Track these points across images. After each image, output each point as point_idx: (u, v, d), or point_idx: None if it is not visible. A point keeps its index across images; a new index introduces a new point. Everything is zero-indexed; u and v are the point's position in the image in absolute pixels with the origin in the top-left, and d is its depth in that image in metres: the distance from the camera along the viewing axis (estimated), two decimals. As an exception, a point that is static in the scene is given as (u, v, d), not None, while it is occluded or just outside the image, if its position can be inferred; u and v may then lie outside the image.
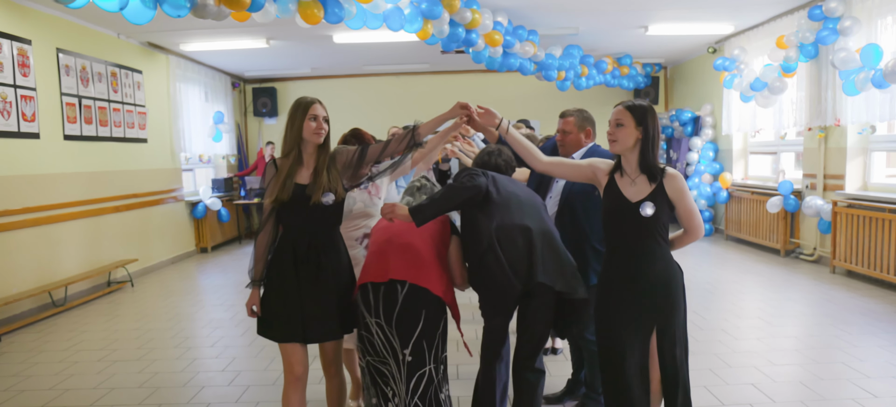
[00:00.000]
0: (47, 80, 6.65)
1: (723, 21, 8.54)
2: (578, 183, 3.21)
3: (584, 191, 3.24)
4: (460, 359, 4.49)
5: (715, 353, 4.63)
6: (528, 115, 11.44)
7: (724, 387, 4.01)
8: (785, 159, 9.02)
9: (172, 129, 9.46)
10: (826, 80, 7.35)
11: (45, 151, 6.57)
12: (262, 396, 4.11)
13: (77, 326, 5.88)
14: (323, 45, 9.22)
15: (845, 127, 7.22)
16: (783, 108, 8.27)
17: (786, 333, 5.11)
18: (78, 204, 7.06)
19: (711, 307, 5.92)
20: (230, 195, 11.15)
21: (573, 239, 3.22)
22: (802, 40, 7.19)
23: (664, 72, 12.50)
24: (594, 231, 3.28)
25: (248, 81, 12.44)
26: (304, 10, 5.49)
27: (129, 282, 7.71)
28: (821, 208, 7.47)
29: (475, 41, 7.23)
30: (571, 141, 3.48)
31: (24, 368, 4.77)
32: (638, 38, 9.36)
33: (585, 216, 3.29)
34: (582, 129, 3.48)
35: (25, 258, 6.22)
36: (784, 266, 7.76)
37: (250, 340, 5.30)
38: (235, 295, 7.03)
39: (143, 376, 4.51)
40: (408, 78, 12.36)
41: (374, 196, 3.52)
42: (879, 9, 6.51)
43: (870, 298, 6.06)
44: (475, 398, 2.99)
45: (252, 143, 12.56)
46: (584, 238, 3.30)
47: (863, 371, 4.19)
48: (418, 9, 6.33)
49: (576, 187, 3.29)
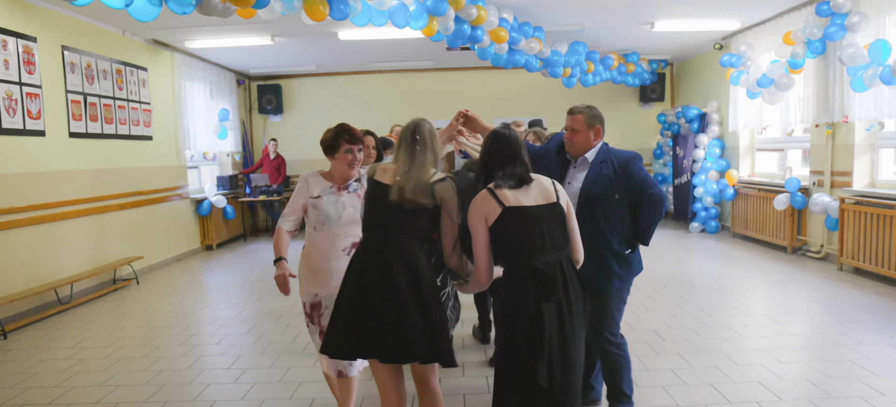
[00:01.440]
0: (52, 77, 6.66)
1: (729, 17, 8.49)
2: (598, 184, 3.17)
3: (604, 193, 3.16)
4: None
5: (721, 350, 4.61)
6: (534, 112, 11.46)
7: (730, 384, 3.98)
8: (792, 156, 8.97)
9: (177, 126, 9.47)
10: (833, 76, 7.30)
11: (50, 149, 6.58)
12: (267, 393, 4.10)
13: (83, 324, 5.90)
14: (328, 41, 9.21)
15: (853, 123, 7.17)
16: (790, 105, 8.22)
17: (793, 330, 5.07)
18: (83, 202, 7.07)
19: (718, 305, 5.89)
20: (235, 193, 11.16)
21: (592, 242, 3.07)
22: (810, 36, 7.13)
23: (670, 68, 12.45)
24: (614, 234, 3.19)
25: (253, 78, 12.45)
26: (310, 7, 5.48)
27: (134, 279, 7.73)
28: (828, 205, 7.42)
29: (481, 38, 7.21)
30: (580, 141, 3.29)
31: (30, 365, 4.78)
32: (644, 34, 9.32)
33: (604, 218, 3.18)
34: (591, 128, 3.28)
35: (31, 256, 6.24)
36: (791, 263, 7.72)
37: (255, 337, 5.31)
38: (241, 293, 7.04)
39: (148, 374, 4.52)
40: (413, 75, 12.34)
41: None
42: (888, 4, 6.45)
43: (877, 296, 6.02)
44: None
45: (257, 141, 12.58)
46: (604, 241, 3.18)
47: (870, 369, 4.16)
48: (423, 5, 6.31)
49: (595, 188, 3.18)
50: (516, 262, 2.48)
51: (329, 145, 3.21)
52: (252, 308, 6.30)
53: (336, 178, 3.26)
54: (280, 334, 5.36)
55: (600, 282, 3.21)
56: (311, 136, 12.10)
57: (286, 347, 4.99)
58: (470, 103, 12.38)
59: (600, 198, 3.17)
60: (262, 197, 11.00)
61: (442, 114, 12.19)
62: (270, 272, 8.07)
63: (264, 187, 11.10)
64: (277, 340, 5.19)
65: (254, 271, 8.29)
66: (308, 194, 3.20)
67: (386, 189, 2.66)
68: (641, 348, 4.70)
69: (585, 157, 3.29)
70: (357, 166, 3.24)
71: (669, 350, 4.66)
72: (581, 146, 3.30)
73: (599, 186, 3.16)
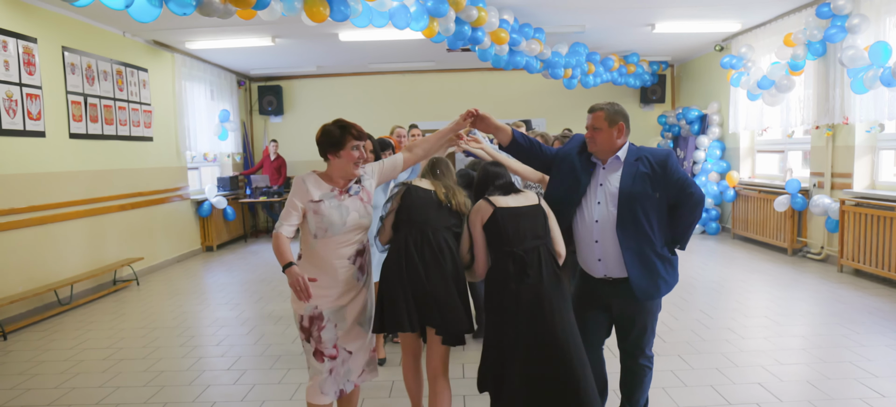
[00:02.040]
0: (53, 78, 6.66)
1: (730, 19, 8.49)
2: (638, 183, 2.96)
3: (644, 192, 2.95)
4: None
5: (721, 352, 4.61)
6: (535, 114, 11.47)
7: (730, 386, 3.98)
8: (792, 158, 8.97)
9: (178, 127, 9.47)
10: (834, 77, 7.30)
11: (50, 150, 6.58)
12: (267, 394, 4.10)
13: (83, 325, 5.90)
14: (329, 43, 9.21)
15: (853, 125, 7.17)
16: (790, 107, 8.22)
17: (793, 332, 5.07)
18: (83, 203, 7.08)
19: (718, 306, 5.89)
20: (236, 194, 11.16)
21: (638, 245, 2.95)
22: (810, 38, 7.14)
23: (671, 70, 12.45)
24: (657, 235, 2.98)
25: (253, 79, 12.46)
26: (310, 8, 5.48)
27: (134, 281, 7.73)
28: (828, 207, 7.42)
29: (481, 39, 7.21)
30: (603, 139, 3.02)
31: (30, 366, 4.78)
32: (645, 35, 9.32)
33: (646, 219, 2.96)
34: (613, 125, 3.02)
35: (31, 257, 6.24)
36: (791, 265, 7.72)
37: (256, 338, 5.31)
38: (241, 294, 7.04)
39: (148, 375, 4.52)
40: (413, 76, 12.35)
41: (367, 204, 3.06)
42: (888, 6, 6.46)
43: (878, 298, 6.02)
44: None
45: (258, 142, 12.58)
46: (649, 243, 2.97)
47: (870, 370, 4.16)
48: (424, 7, 6.31)
49: (635, 187, 2.96)
50: (502, 250, 2.94)
51: (335, 142, 2.95)
52: (252, 309, 6.30)
53: (336, 180, 3.00)
54: (280, 336, 5.36)
55: (649, 289, 2.98)
56: (312, 137, 11.94)
57: (287, 349, 4.99)
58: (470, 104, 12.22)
59: (641, 197, 2.95)
60: (263, 198, 11.00)
61: (442, 115, 12.21)
62: (270, 273, 8.08)
63: (265, 188, 11.10)
64: (278, 342, 5.19)
65: (254, 273, 8.29)
66: (307, 198, 2.92)
67: (430, 192, 3.19)
68: (642, 350, 4.70)
69: (618, 156, 3.05)
70: (360, 164, 3.03)
71: (670, 352, 4.65)
72: (604, 145, 3.04)
73: (639, 185, 2.95)
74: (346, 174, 3.00)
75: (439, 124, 3.13)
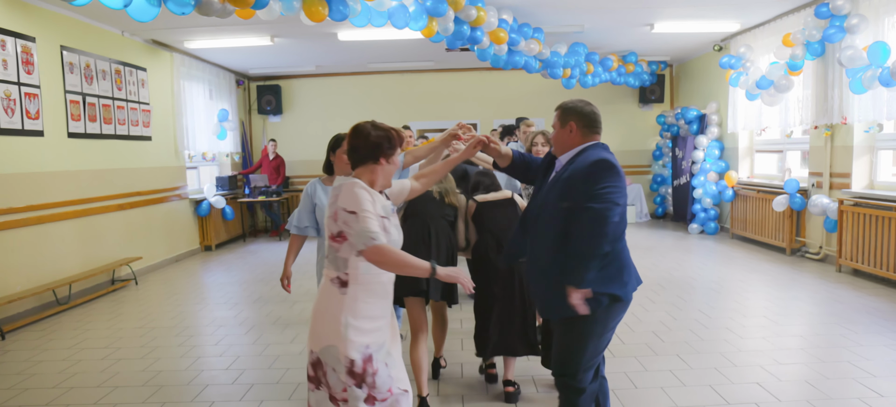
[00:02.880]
0: (51, 77, 6.66)
1: (729, 19, 8.50)
2: (552, 191, 2.73)
3: (551, 201, 2.72)
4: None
5: (720, 352, 4.61)
6: (533, 113, 11.48)
7: (729, 386, 3.98)
8: (791, 158, 8.98)
9: (176, 126, 9.46)
10: (832, 77, 7.30)
11: (48, 149, 6.57)
12: (265, 394, 4.10)
13: (81, 324, 5.89)
14: (327, 42, 9.21)
15: (852, 125, 7.18)
16: (789, 106, 8.23)
17: (791, 332, 5.08)
18: (82, 202, 7.07)
19: (716, 306, 5.89)
20: (234, 193, 11.15)
21: (536, 255, 2.79)
22: (809, 38, 7.14)
23: (670, 69, 12.45)
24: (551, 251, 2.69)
25: (252, 79, 12.45)
26: (309, 8, 5.47)
27: (133, 280, 7.72)
28: (827, 207, 7.43)
29: (480, 39, 7.21)
30: (556, 139, 2.82)
31: (28, 365, 4.78)
32: (643, 35, 9.33)
33: (548, 231, 2.72)
34: (564, 125, 2.76)
35: (29, 256, 6.23)
36: (790, 265, 7.72)
37: (254, 338, 5.31)
38: (240, 294, 7.03)
39: (146, 374, 4.51)
40: (412, 75, 12.35)
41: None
42: (887, 7, 6.46)
43: (876, 297, 6.02)
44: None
45: (256, 141, 12.57)
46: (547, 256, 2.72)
47: (869, 370, 4.16)
48: (423, 6, 6.31)
49: (549, 196, 2.74)
50: (483, 232, 3.92)
51: (393, 144, 2.53)
52: (251, 309, 6.30)
53: (380, 190, 2.59)
54: (279, 335, 5.35)
55: (545, 307, 2.80)
56: (311, 136, 12.13)
57: (285, 348, 4.99)
58: (469, 104, 12.41)
59: (549, 205, 2.69)
60: (262, 198, 11.00)
61: (441, 115, 12.23)
62: (269, 273, 8.08)
63: (263, 188, 11.10)
64: (276, 341, 5.19)
65: (253, 272, 8.28)
66: (377, 212, 2.44)
67: (429, 190, 3.73)
68: (640, 349, 4.70)
69: (562, 159, 2.79)
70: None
71: (668, 351, 4.66)
72: (557, 144, 2.80)
73: (553, 193, 2.69)
74: (388, 183, 2.61)
75: (438, 124, 3.12)
